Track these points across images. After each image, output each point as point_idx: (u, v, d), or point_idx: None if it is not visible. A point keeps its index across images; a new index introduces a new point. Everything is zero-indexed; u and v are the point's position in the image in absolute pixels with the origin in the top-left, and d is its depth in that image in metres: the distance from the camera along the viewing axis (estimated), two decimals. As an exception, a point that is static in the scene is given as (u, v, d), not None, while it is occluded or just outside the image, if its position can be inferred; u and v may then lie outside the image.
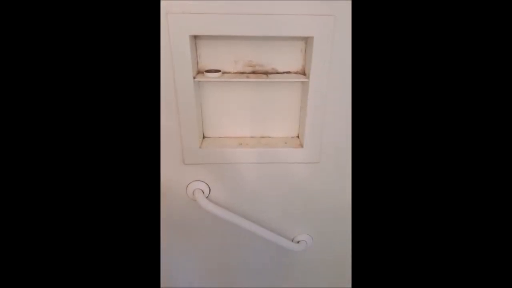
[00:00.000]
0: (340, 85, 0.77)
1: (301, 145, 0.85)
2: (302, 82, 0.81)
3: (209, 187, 0.90)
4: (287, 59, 0.80)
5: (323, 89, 0.76)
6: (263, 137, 0.89)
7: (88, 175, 0.40)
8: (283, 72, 0.81)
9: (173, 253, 1.05)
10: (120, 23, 0.40)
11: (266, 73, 0.80)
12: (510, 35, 0.37)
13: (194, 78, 0.74)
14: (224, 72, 0.79)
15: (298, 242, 1.03)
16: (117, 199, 0.41)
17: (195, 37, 0.75)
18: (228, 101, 0.84)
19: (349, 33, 0.71)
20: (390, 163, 0.42)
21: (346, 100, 0.79)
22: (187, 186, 0.89)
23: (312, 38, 0.71)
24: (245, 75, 0.79)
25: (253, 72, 0.80)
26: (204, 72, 0.76)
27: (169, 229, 0.97)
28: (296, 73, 0.81)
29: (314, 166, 0.88)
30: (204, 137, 0.88)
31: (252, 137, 0.89)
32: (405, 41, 0.40)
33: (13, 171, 0.38)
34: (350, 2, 0.67)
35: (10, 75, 0.37)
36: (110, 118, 0.41)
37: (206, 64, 0.79)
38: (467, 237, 0.40)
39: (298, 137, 0.90)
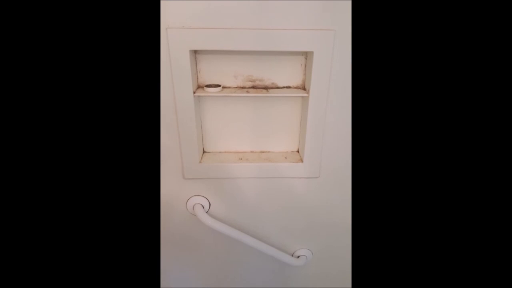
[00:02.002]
0: (340, 100, 0.76)
1: (301, 160, 0.84)
2: (302, 97, 0.81)
3: (209, 202, 0.89)
4: (287, 73, 0.80)
5: (323, 104, 0.76)
6: (263, 151, 0.89)
7: (88, 188, 0.40)
8: (283, 87, 0.81)
9: (173, 267, 1.03)
10: (120, 38, 0.40)
11: (266, 87, 0.80)
12: (507, 36, 0.37)
13: (194, 93, 0.73)
14: (224, 87, 0.79)
15: (298, 257, 1.02)
16: (117, 213, 0.41)
17: (195, 52, 0.75)
18: (228, 115, 0.83)
19: (349, 48, 0.71)
20: (390, 177, 0.42)
21: (346, 114, 0.79)
22: (187, 201, 0.88)
23: (312, 53, 0.71)
24: (245, 90, 0.79)
25: (253, 87, 0.80)
26: (204, 87, 0.76)
27: (169, 244, 0.96)
28: (296, 87, 0.81)
29: (314, 181, 0.88)
30: (204, 151, 0.88)
31: (252, 151, 0.89)
32: (406, 55, 0.40)
33: (9, 181, 0.37)
34: (350, 17, 0.68)
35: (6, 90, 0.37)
36: (110, 132, 0.40)
37: (206, 79, 0.79)
38: (467, 249, 0.40)
39: (298, 152, 0.89)
